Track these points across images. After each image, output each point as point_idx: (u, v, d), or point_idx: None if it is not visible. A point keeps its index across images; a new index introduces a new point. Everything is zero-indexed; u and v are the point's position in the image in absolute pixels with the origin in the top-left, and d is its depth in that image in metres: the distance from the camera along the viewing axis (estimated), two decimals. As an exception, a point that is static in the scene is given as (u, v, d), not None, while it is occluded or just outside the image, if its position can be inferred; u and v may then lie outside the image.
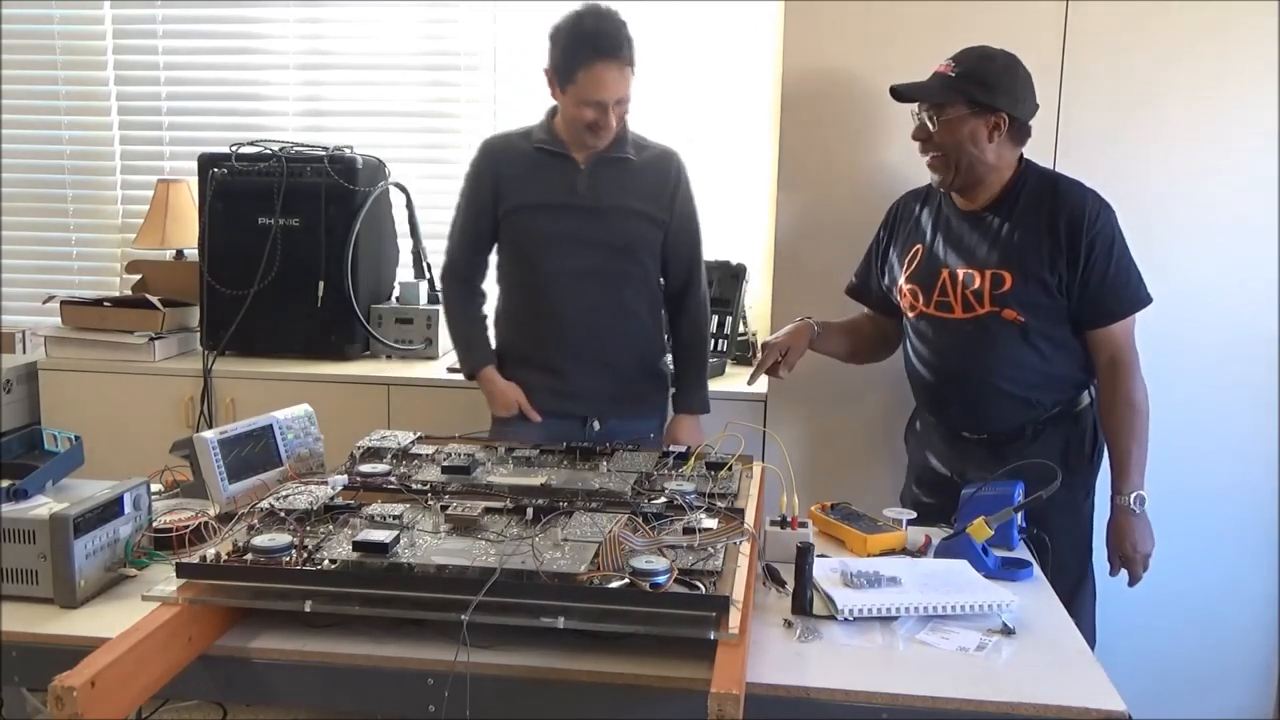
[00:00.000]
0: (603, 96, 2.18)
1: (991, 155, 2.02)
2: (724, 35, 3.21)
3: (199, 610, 1.37)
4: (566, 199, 2.30)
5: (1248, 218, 2.50)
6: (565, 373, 2.35)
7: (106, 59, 3.53)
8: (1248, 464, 2.57)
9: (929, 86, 2.03)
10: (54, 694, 1.14)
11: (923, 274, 2.13)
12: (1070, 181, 2.08)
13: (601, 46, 2.16)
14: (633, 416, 2.40)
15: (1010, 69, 2.03)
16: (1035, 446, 2.08)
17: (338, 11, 3.40)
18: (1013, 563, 1.74)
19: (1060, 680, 1.36)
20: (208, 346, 3.00)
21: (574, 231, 2.30)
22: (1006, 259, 2.03)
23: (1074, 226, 1.99)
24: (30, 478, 1.92)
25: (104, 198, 3.60)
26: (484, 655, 1.35)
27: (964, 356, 2.09)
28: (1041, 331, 2.04)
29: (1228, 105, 2.47)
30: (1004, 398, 2.08)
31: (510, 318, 2.43)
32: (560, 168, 2.31)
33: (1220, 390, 2.56)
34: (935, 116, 2.01)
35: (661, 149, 2.40)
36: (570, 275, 2.31)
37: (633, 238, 2.33)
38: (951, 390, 2.15)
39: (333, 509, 1.57)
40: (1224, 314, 2.53)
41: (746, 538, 1.50)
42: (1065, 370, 2.10)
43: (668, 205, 2.36)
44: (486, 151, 2.38)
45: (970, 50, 2.04)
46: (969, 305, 2.06)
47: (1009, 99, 2.01)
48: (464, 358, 2.46)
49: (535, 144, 2.32)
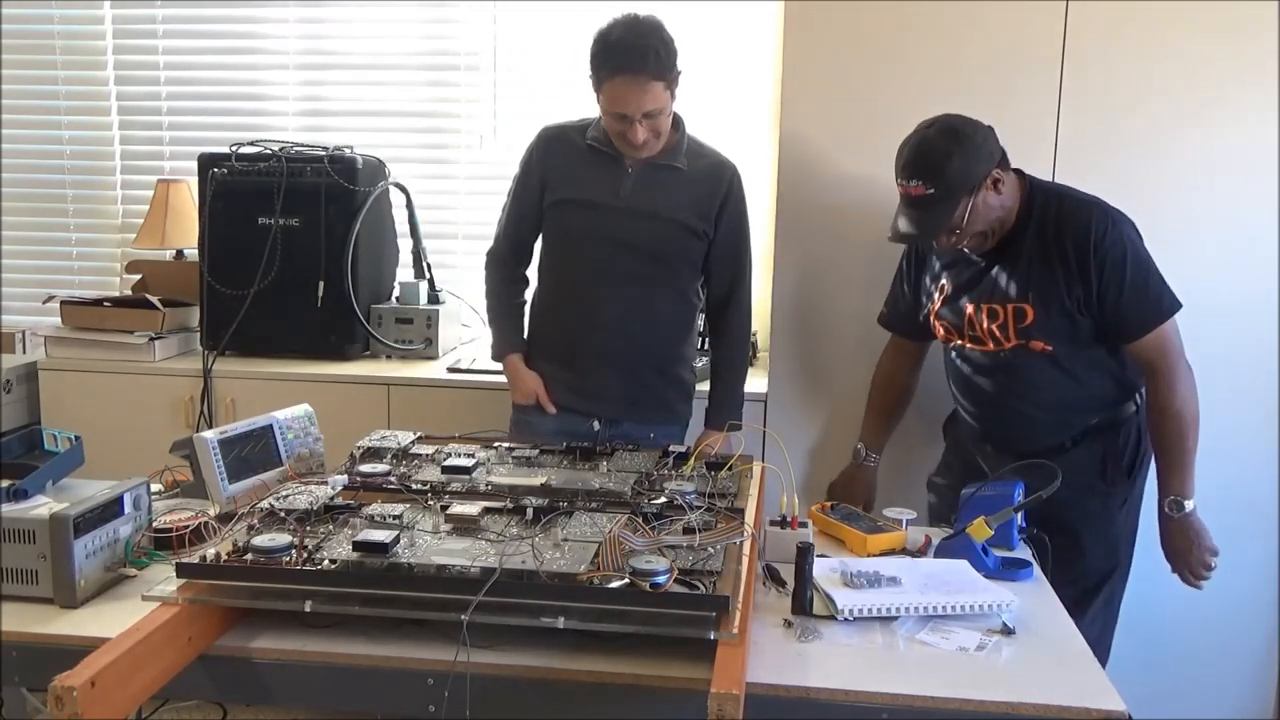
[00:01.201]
0: (624, 110, 2.16)
1: (1009, 198, 2.03)
2: (724, 35, 3.21)
3: (199, 610, 1.38)
4: (608, 199, 2.28)
5: (1248, 218, 2.50)
6: (584, 370, 2.35)
7: (106, 59, 3.52)
8: (1248, 465, 2.57)
9: (933, 219, 1.97)
10: (54, 694, 1.14)
11: (950, 310, 2.15)
12: (1075, 200, 2.06)
13: (621, 61, 2.13)
14: (652, 422, 2.38)
15: (964, 142, 1.96)
16: (1074, 455, 2.09)
17: (338, 11, 3.40)
18: (1013, 563, 1.74)
19: (1060, 680, 1.36)
20: (208, 346, 2.99)
21: (611, 232, 2.29)
22: (1024, 292, 2.03)
23: (1081, 247, 1.98)
24: (30, 478, 1.91)
25: (104, 198, 3.60)
26: (484, 655, 1.35)
27: (1000, 387, 2.12)
28: (1072, 356, 2.05)
29: (1228, 105, 2.46)
30: (1040, 423, 2.11)
31: (541, 308, 2.43)
32: (607, 167, 2.29)
33: (1220, 391, 2.54)
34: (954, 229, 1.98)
35: (716, 160, 2.36)
36: (601, 275, 2.30)
37: (670, 246, 2.31)
38: (987, 417, 2.19)
39: (333, 509, 1.57)
40: (1224, 314, 2.52)
41: (746, 538, 1.50)
42: (1101, 389, 2.11)
43: (713, 219, 2.33)
44: (542, 139, 2.37)
45: (922, 157, 1.97)
46: (997, 340, 2.07)
47: (984, 160, 1.97)
48: (495, 340, 2.47)
49: (588, 140, 2.30)
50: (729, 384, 2.44)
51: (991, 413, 2.18)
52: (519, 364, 2.41)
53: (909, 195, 2.00)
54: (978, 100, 2.52)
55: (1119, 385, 2.12)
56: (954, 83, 2.50)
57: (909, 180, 1.98)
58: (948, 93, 2.50)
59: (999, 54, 2.50)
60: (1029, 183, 2.08)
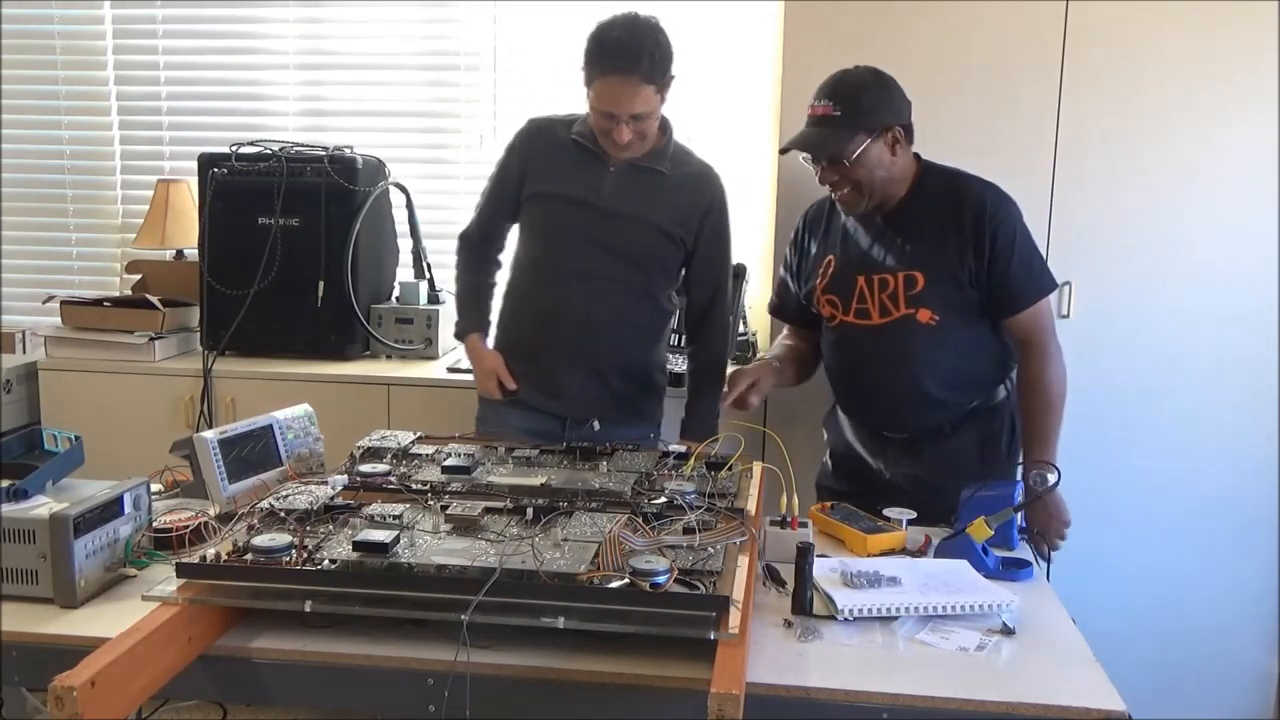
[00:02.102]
0: (612, 109, 2.14)
1: (899, 169, 2.06)
2: (724, 35, 3.21)
3: (199, 610, 1.38)
4: (587, 196, 2.27)
5: (1248, 217, 2.50)
6: (550, 369, 2.33)
7: (106, 59, 3.52)
8: (1248, 465, 2.57)
9: (828, 135, 2.02)
10: (54, 694, 1.14)
11: (838, 283, 2.15)
12: (970, 177, 2.11)
13: (615, 60, 2.11)
14: (620, 424, 2.36)
15: (883, 84, 2.04)
16: (953, 441, 2.14)
17: (338, 11, 3.40)
18: (1013, 563, 1.74)
19: (1060, 680, 1.36)
20: (208, 346, 2.99)
21: (587, 230, 2.27)
22: (918, 259, 2.06)
23: (978, 219, 2.03)
24: (30, 478, 1.92)
25: (104, 198, 3.60)
26: (484, 655, 1.35)
27: (884, 362, 2.11)
28: (956, 330, 2.07)
29: (1228, 105, 2.47)
30: (923, 400, 2.11)
31: (512, 302, 2.41)
32: (590, 165, 2.27)
33: (1220, 390, 2.56)
34: (841, 159, 2.01)
35: (701, 169, 2.34)
36: (574, 273, 2.29)
37: (645, 251, 2.30)
38: (871, 395, 2.18)
39: (333, 509, 1.57)
40: (1224, 313, 2.53)
41: (746, 538, 1.50)
42: (981, 368, 2.14)
43: (694, 228, 2.31)
44: (527, 130, 2.36)
45: (838, 82, 2.03)
46: (885, 309, 2.08)
47: (894, 112, 2.03)
48: (458, 319, 2.45)
49: (573, 135, 2.29)
50: (706, 399, 2.40)
51: (874, 394, 2.17)
52: (478, 342, 2.39)
53: (813, 116, 2.04)
54: (978, 100, 2.53)
55: (997, 365, 2.16)
56: (954, 83, 2.50)
57: (819, 100, 2.03)
58: (948, 93, 2.50)
59: (999, 54, 2.50)
60: (923, 164, 2.13)
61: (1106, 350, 2.55)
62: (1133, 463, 2.59)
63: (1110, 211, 2.52)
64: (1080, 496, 2.11)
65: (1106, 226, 2.53)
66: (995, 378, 2.18)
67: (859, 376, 2.18)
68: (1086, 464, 2.53)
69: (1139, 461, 2.59)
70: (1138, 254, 2.50)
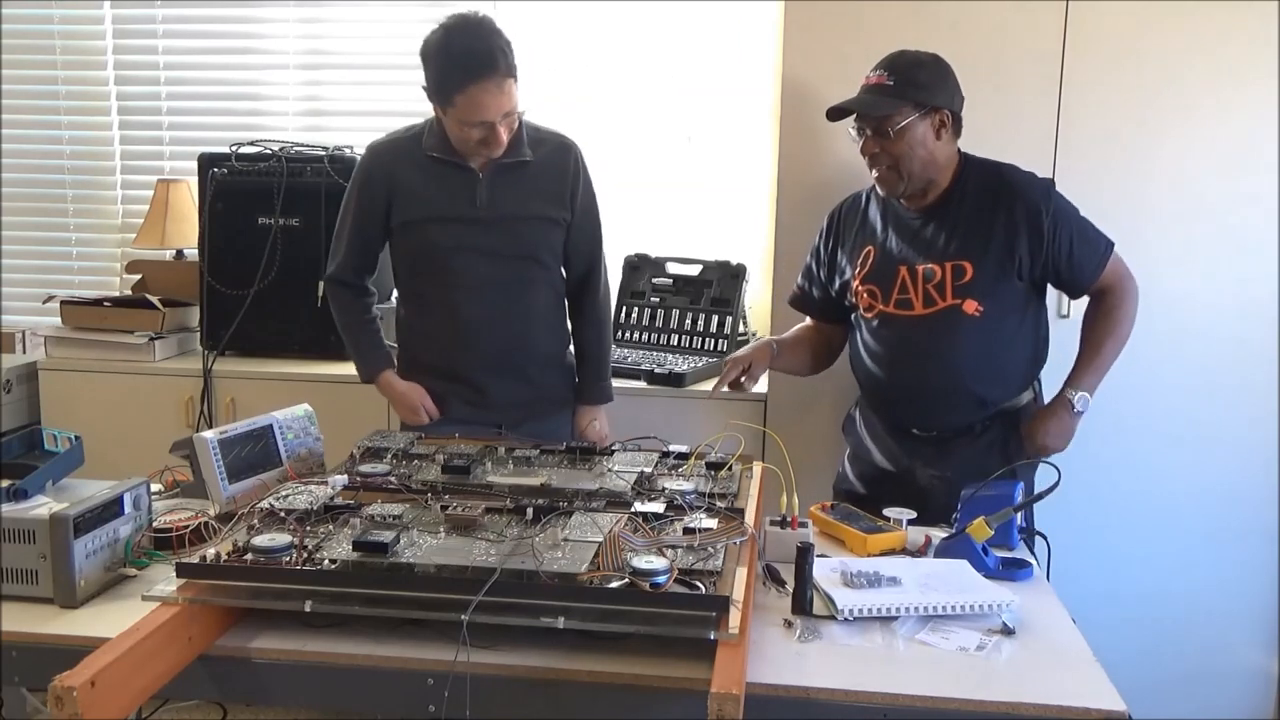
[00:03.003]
0: (484, 117, 2.08)
1: (941, 154, 2.07)
2: (724, 35, 3.21)
3: (199, 610, 1.38)
4: (466, 211, 2.22)
5: (1248, 217, 2.50)
6: (478, 383, 2.30)
7: (106, 59, 3.52)
8: (1248, 464, 2.57)
9: (877, 100, 2.03)
10: (54, 694, 1.14)
11: (879, 273, 2.15)
12: (1012, 167, 2.12)
13: (474, 68, 2.05)
14: (548, 417, 2.36)
15: (940, 67, 2.07)
16: (981, 442, 2.14)
17: (338, 11, 3.40)
18: (1013, 563, 1.74)
19: (1060, 680, 1.36)
20: (208, 346, 2.99)
21: (476, 243, 2.23)
22: (966, 249, 2.06)
23: (1033, 210, 2.04)
24: (30, 478, 1.92)
25: (104, 198, 3.60)
26: (484, 655, 1.35)
27: (925, 353, 2.11)
28: (1000, 322, 2.08)
29: (1228, 105, 2.47)
30: (961, 395, 2.11)
31: (415, 329, 2.36)
32: (457, 178, 2.21)
33: (1220, 391, 2.56)
34: (885, 128, 2.02)
35: (558, 141, 2.30)
36: (476, 287, 2.25)
37: (537, 244, 2.28)
38: (908, 388, 2.16)
39: (333, 509, 1.57)
40: (1224, 314, 2.53)
41: (746, 538, 1.50)
42: (1018, 364, 2.15)
43: (568, 203, 2.30)
44: (374, 157, 2.28)
45: (897, 57, 2.06)
46: (930, 300, 2.08)
47: (946, 96, 2.06)
48: (361, 363, 2.39)
49: (428, 152, 2.22)
50: (599, 360, 2.42)
51: (910, 386, 2.15)
52: (394, 379, 2.34)
53: (867, 85, 2.06)
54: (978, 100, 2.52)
55: (1031, 363, 2.18)
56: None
57: (875, 71, 2.06)
58: (948, 93, 2.50)
59: (999, 54, 2.50)
60: (964, 156, 2.14)
61: (1106, 350, 2.55)
62: (1132, 462, 2.59)
63: (1110, 211, 2.51)
64: (1080, 496, 2.12)
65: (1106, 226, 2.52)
66: (1027, 376, 2.19)
67: (897, 368, 2.15)
68: (1087, 464, 2.53)
69: (1139, 461, 2.59)
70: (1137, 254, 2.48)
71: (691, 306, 3.03)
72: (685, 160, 3.25)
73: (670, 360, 2.87)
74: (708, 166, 3.23)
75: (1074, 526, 2.10)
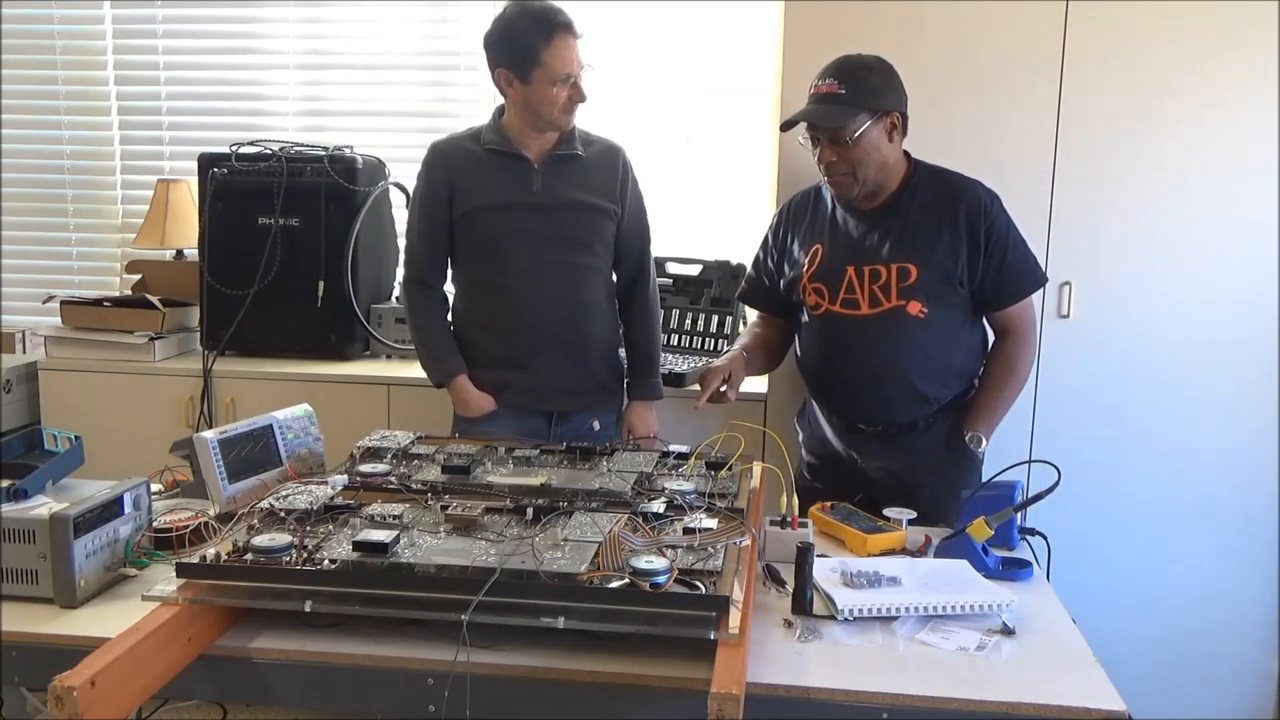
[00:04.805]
0: (570, 69, 2.20)
1: (892, 156, 2.09)
2: (724, 35, 3.21)
3: (199, 610, 1.38)
4: (523, 197, 2.30)
5: (1248, 217, 2.50)
6: (535, 369, 2.34)
7: (106, 59, 3.52)
8: (1248, 465, 2.57)
9: (831, 110, 2.03)
10: (54, 694, 1.14)
11: (826, 273, 2.16)
12: (960, 175, 2.14)
13: (556, 23, 2.19)
14: (597, 409, 2.42)
15: (886, 69, 2.08)
16: (925, 435, 2.16)
17: (338, 11, 3.40)
18: (1013, 563, 1.74)
19: (1060, 680, 1.36)
20: (208, 346, 2.99)
21: (533, 229, 2.30)
22: (912, 252, 2.08)
23: (973, 216, 2.07)
24: (30, 478, 1.92)
25: (104, 198, 3.60)
26: (484, 655, 1.35)
27: (870, 353, 2.12)
28: (943, 324, 2.10)
29: (1228, 105, 2.47)
30: (905, 392, 2.13)
31: (473, 318, 2.40)
32: (513, 167, 2.30)
33: (1220, 391, 2.56)
34: (843, 137, 2.02)
35: (607, 144, 2.40)
36: (534, 272, 2.30)
37: (590, 231, 2.35)
38: (853, 386, 2.18)
39: (333, 509, 1.57)
40: (1224, 314, 2.53)
41: (746, 538, 1.50)
42: (962, 363, 2.17)
43: (618, 198, 2.37)
44: (438, 155, 2.36)
45: (842, 63, 2.06)
46: (875, 300, 2.10)
47: (895, 98, 2.07)
48: (435, 366, 2.40)
49: (486, 145, 2.31)
50: (651, 356, 2.47)
51: (855, 385, 2.17)
52: (467, 385, 2.36)
53: (817, 94, 2.06)
54: (978, 100, 2.53)
55: (975, 362, 2.20)
56: (954, 83, 2.50)
57: (823, 79, 2.05)
58: (948, 92, 2.50)
59: (999, 54, 2.50)
60: (912, 160, 2.15)
61: (1106, 350, 2.55)
62: (1132, 462, 2.59)
63: (1110, 211, 2.52)
64: (1080, 496, 2.12)
65: (1106, 226, 2.53)
66: (973, 373, 2.21)
67: (841, 367, 2.18)
68: (1087, 463, 2.53)
69: (1139, 461, 2.59)
70: (1138, 254, 2.49)
71: (691, 306, 3.03)
72: (685, 160, 3.25)
73: (670, 360, 2.87)
74: (708, 166, 3.24)
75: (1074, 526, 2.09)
